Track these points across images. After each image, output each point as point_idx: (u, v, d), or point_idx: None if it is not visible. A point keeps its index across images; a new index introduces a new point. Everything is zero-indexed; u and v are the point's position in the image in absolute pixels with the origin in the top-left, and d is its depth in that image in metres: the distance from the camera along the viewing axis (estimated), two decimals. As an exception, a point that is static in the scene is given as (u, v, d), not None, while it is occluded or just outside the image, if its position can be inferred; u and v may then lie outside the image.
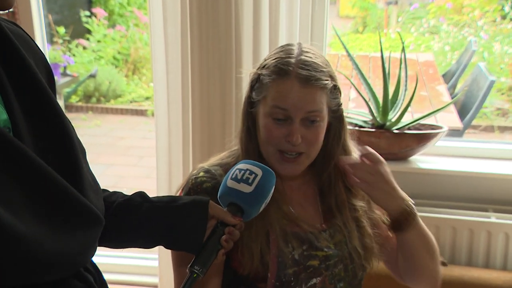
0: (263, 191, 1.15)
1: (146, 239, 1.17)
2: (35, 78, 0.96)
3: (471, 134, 5.40)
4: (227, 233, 1.12)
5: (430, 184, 2.41)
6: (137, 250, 1.49)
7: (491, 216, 2.27)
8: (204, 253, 1.10)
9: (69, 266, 0.95)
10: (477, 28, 6.84)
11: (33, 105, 0.95)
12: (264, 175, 1.15)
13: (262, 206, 1.16)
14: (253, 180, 1.14)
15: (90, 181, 1.01)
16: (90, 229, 0.97)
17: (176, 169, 2.47)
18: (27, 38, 1.03)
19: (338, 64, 4.47)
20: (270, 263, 1.29)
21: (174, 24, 2.30)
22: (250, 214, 1.15)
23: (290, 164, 1.31)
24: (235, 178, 1.14)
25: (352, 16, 8.80)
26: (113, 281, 2.94)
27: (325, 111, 1.30)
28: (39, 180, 0.89)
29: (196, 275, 1.07)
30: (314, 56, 1.31)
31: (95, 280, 1.04)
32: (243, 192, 1.13)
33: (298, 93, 1.26)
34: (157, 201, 1.16)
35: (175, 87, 2.37)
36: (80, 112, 6.72)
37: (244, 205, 1.14)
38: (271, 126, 1.29)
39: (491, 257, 2.25)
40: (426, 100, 3.64)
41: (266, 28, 2.25)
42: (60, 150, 0.96)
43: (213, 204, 1.15)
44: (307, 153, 1.31)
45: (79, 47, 7.07)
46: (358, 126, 2.41)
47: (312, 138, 1.29)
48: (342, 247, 1.36)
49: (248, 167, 1.16)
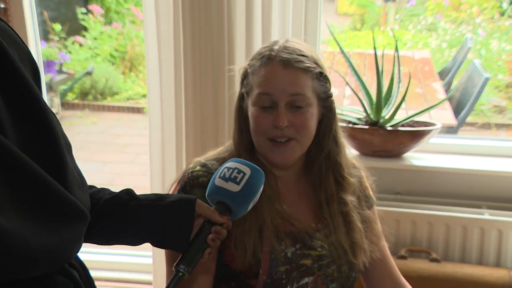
0: (251, 190, 1.14)
1: (133, 237, 1.16)
2: (19, 74, 0.95)
3: (468, 132, 5.40)
4: (214, 232, 1.12)
5: (424, 181, 2.41)
6: (131, 247, 1.49)
7: (484, 213, 2.27)
8: (190, 252, 1.10)
9: (53, 262, 0.94)
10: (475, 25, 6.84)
11: (16, 100, 0.94)
12: (252, 174, 1.14)
13: (250, 205, 1.16)
14: (241, 179, 1.13)
15: (75, 176, 1.00)
16: (74, 224, 0.96)
17: (170, 166, 2.47)
18: (12, 32, 1.02)
19: (334, 62, 4.47)
20: (263, 259, 1.29)
21: (167, 21, 2.30)
22: (237, 213, 1.15)
23: (281, 150, 1.30)
24: (223, 177, 1.14)
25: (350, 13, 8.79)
26: (108, 278, 2.95)
27: (312, 96, 1.29)
28: (22, 176, 0.88)
29: (181, 274, 1.07)
30: (299, 44, 1.33)
31: (80, 276, 1.04)
32: (231, 191, 1.12)
33: (280, 75, 1.27)
34: (144, 199, 1.16)
35: (168, 84, 2.37)
36: (76, 109, 6.72)
37: (231, 204, 1.13)
38: (258, 114, 1.30)
39: (484, 254, 2.25)
40: (421, 98, 3.64)
41: (259, 25, 2.24)
42: (44, 145, 0.95)
43: (200, 202, 1.15)
44: (297, 139, 1.30)
45: (75, 44, 7.05)
46: (352, 123, 2.41)
47: (299, 123, 1.28)
48: (336, 248, 1.36)
49: (237, 166, 1.15)
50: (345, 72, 3.46)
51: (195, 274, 1.27)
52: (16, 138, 0.91)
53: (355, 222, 1.39)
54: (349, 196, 1.40)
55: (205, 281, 1.33)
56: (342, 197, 1.39)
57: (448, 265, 2.21)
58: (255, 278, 1.30)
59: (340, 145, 1.39)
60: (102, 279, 2.92)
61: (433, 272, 2.17)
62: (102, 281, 2.91)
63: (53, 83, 6.10)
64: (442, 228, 2.27)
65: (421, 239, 2.29)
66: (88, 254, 3.03)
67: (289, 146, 1.30)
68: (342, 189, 1.39)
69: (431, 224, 2.27)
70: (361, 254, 1.38)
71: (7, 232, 0.83)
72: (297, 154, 1.33)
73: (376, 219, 1.49)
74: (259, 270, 1.29)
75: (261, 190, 1.17)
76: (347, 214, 1.38)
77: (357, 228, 1.38)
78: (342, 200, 1.38)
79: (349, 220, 1.38)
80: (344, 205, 1.38)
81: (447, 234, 2.27)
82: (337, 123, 1.38)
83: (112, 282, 2.94)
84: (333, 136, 1.37)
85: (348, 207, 1.38)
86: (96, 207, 1.12)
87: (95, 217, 1.05)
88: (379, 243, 1.46)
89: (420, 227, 2.28)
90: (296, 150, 1.32)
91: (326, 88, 1.33)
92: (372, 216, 1.46)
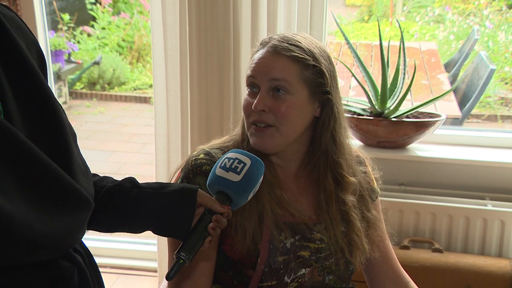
0: (251, 180, 1.15)
1: (134, 225, 1.18)
2: (26, 62, 0.97)
3: (474, 124, 5.38)
4: (215, 221, 1.13)
5: (428, 172, 2.42)
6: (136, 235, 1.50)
7: (487, 204, 2.29)
8: (191, 240, 1.11)
9: (57, 247, 0.96)
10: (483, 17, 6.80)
11: (24, 89, 0.96)
12: (253, 164, 1.16)
13: (250, 195, 1.17)
14: (241, 169, 1.15)
15: (80, 165, 1.02)
16: (79, 212, 0.98)
17: (175, 155, 2.49)
18: (19, 22, 1.04)
19: (341, 53, 4.47)
20: (261, 249, 1.30)
21: (173, 12, 2.31)
22: (238, 203, 1.17)
23: (259, 135, 1.31)
24: (223, 167, 1.15)
25: (358, 5, 8.75)
26: (113, 265, 2.98)
27: (296, 85, 1.29)
28: (29, 163, 0.90)
29: (182, 261, 1.09)
30: (301, 37, 1.33)
31: (84, 262, 1.06)
32: (231, 181, 1.14)
33: (265, 60, 1.29)
34: (146, 187, 1.17)
35: (174, 74, 2.39)
36: (84, 99, 6.74)
37: (232, 194, 1.15)
38: (246, 97, 1.33)
39: (487, 244, 2.27)
40: (427, 89, 3.64)
41: (264, 15, 2.25)
42: (50, 133, 0.97)
43: (201, 192, 1.16)
44: (276, 127, 1.29)
45: (84, 34, 7.07)
46: (357, 114, 2.42)
47: (278, 109, 1.28)
48: (335, 241, 1.36)
49: (237, 156, 1.17)
50: (351, 63, 3.47)
51: (196, 261, 1.30)
52: (23, 126, 0.93)
53: (354, 222, 1.38)
54: (349, 196, 1.38)
55: (206, 269, 1.34)
56: (341, 196, 1.38)
57: (450, 255, 2.23)
58: (252, 269, 1.31)
59: (339, 144, 1.37)
60: (107, 266, 2.96)
61: (436, 262, 2.19)
62: (107, 268, 2.95)
63: (61, 73, 6.12)
64: (445, 219, 2.28)
65: (424, 230, 2.31)
66: (93, 241, 3.06)
67: (267, 132, 1.30)
68: (341, 189, 1.38)
69: (434, 214, 2.29)
70: (358, 254, 1.38)
71: (12, 218, 0.85)
72: (277, 141, 1.31)
73: (379, 212, 1.49)
74: (257, 260, 1.31)
75: (261, 180, 1.18)
76: (346, 213, 1.38)
77: (356, 227, 1.38)
78: (341, 199, 1.38)
79: (348, 219, 1.38)
80: (343, 205, 1.38)
81: (450, 224, 2.29)
82: (338, 122, 1.36)
83: (117, 269, 2.97)
84: (331, 135, 1.35)
85: (347, 206, 1.38)
86: (99, 195, 1.14)
87: (98, 205, 1.07)
88: (380, 243, 1.46)
89: (424, 217, 2.30)
90: (275, 138, 1.31)
91: (320, 83, 1.32)
92: (377, 216, 1.46)
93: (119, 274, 2.94)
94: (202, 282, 1.34)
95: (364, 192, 1.43)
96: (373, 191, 1.48)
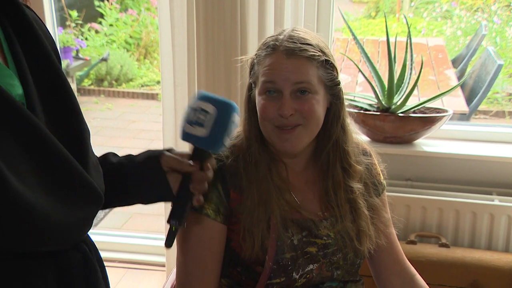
0: (220, 129, 1.07)
1: (121, 199, 1.18)
2: (49, 58, 1.00)
3: (482, 120, 5.37)
4: (194, 180, 1.08)
5: (434, 167, 2.43)
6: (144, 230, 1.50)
7: (494, 199, 2.29)
8: (176, 206, 1.08)
9: (69, 239, 0.98)
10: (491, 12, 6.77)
11: (45, 83, 0.99)
12: (218, 112, 1.07)
13: (227, 141, 1.09)
14: (206, 121, 1.06)
15: (93, 161, 1.05)
16: (90, 205, 1.00)
17: (183, 151, 2.50)
18: (39, 21, 1.08)
19: (348, 49, 4.47)
20: (269, 246, 1.31)
21: (180, 8, 2.32)
22: (216, 151, 1.11)
23: (287, 136, 1.31)
24: (189, 121, 1.07)
25: (365, 1, 8.73)
26: (121, 260, 3.00)
27: (317, 84, 1.30)
28: (49, 155, 0.93)
29: (174, 228, 1.07)
30: (304, 32, 1.34)
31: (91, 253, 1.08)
32: (198, 137, 1.06)
33: (284, 65, 1.29)
34: (117, 162, 1.17)
35: (181, 70, 2.40)
36: (92, 95, 6.77)
37: (205, 148, 1.08)
38: (264, 102, 1.32)
39: (494, 239, 2.27)
40: (435, 85, 3.64)
41: (272, 11, 2.26)
42: (69, 128, 1.00)
43: (166, 155, 1.11)
44: (303, 125, 1.30)
45: (92, 31, 7.09)
46: (364, 110, 2.42)
47: (304, 109, 1.29)
48: (342, 236, 1.37)
49: (200, 105, 1.07)
50: (358, 59, 3.47)
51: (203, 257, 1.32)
52: (44, 119, 0.96)
53: (362, 209, 1.39)
54: (356, 184, 1.40)
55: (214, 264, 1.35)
56: (349, 184, 1.39)
57: (457, 250, 2.23)
58: (261, 266, 1.32)
59: (348, 132, 1.39)
60: (116, 261, 2.97)
61: (443, 257, 2.19)
62: (116, 262, 2.96)
63: (69, 69, 6.15)
64: (452, 214, 2.29)
65: (431, 225, 2.32)
66: (102, 236, 3.09)
67: (296, 132, 1.31)
68: (349, 177, 1.39)
69: (441, 209, 2.29)
70: (366, 241, 1.39)
71: (34, 207, 0.87)
72: (304, 140, 1.33)
73: (385, 205, 1.50)
74: (265, 256, 1.31)
75: (234, 122, 1.10)
76: (354, 201, 1.39)
77: (363, 215, 1.39)
78: (349, 187, 1.39)
79: (355, 207, 1.39)
80: (351, 193, 1.39)
81: (457, 219, 2.29)
82: (345, 110, 1.39)
83: (125, 263, 2.99)
84: (341, 123, 1.37)
85: (355, 194, 1.39)
86: None
87: None
88: (385, 230, 1.46)
89: (430, 212, 2.30)
90: (304, 136, 1.32)
91: (332, 75, 1.33)
92: (380, 203, 1.46)
93: (127, 268, 2.96)
94: (209, 279, 1.35)
95: (367, 180, 1.45)
96: (380, 184, 1.49)
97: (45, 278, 0.97)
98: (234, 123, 1.09)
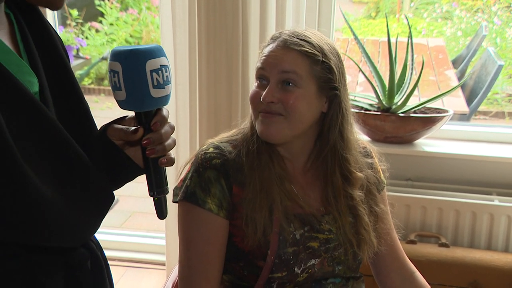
0: (134, 84, 0.95)
1: None
2: (61, 57, 1.03)
3: (481, 120, 5.38)
4: (146, 145, 1.00)
5: (435, 167, 2.43)
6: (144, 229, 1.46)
7: (494, 199, 2.29)
8: (149, 175, 1.03)
9: (81, 237, 1.00)
10: (491, 13, 6.78)
11: (58, 84, 1.00)
12: (122, 66, 0.94)
13: (152, 91, 0.96)
14: (120, 81, 0.95)
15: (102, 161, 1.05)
16: (102, 204, 1.01)
17: (183, 150, 2.51)
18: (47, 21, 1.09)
19: (348, 49, 4.47)
20: (271, 240, 1.32)
21: (182, 7, 2.33)
22: (147, 107, 0.99)
23: (267, 122, 1.31)
24: (112, 86, 0.97)
25: (366, 1, 8.73)
26: (122, 259, 3.01)
27: (305, 79, 1.30)
28: (65, 152, 0.94)
29: (156, 198, 1.03)
30: (311, 33, 1.36)
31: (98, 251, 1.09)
32: (122, 101, 0.97)
33: (276, 53, 1.32)
34: None
35: (183, 69, 2.40)
36: (92, 94, 6.77)
37: (134, 109, 0.99)
38: (254, 89, 1.35)
39: (493, 239, 2.28)
40: (435, 85, 3.65)
41: (273, 11, 2.27)
42: (80, 127, 1.02)
43: (112, 128, 1.05)
44: (285, 116, 1.30)
45: (92, 30, 7.09)
46: (364, 109, 2.43)
47: (287, 100, 1.29)
48: (344, 232, 1.38)
49: (110, 66, 0.96)
50: (358, 59, 3.47)
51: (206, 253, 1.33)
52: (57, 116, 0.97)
53: (362, 216, 1.39)
54: (356, 191, 1.40)
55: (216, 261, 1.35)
56: (349, 191, 1.39)
57: (457, 250, 2.24)
58: (263, 260, 1.33)
59: (347, 140, 1.38)
60: (116, 259, 2.98)
61: (442, 256, 2.20)
62: (116, 261, 2.97)
63: (70, 68, 6.17)
64: (452, 214, 2.29)
65: (431, 225, 2.32)
66: (103, 235, 3.09)
67: (275, 119, 1.31)
68: (349, 184, 1.39)
69: (441, 209, 2.30)
70: (366, 248, 1.40)
71: (51, 204, 0.89)
72: (285, 131, 1.32)
73: (386, 203, 1.51)
74: (267, 251, 1.32)
75: (155, 66, 0.97)
76: (354, 208, 1.39)
77: (364, 222, 1.39)
78: (349, 194, 1.39)
79: (356, 214, 1.39)
80: (351, 200, 1.39)
81: (456, 219, 2.30)
82: (345, 119, 1.37)
83: (126, 262, 3.00)
84: (339, 130, 1.37)
85: (355, 201, 1.39)
86: None
87: None
88: (387, 236, 1.47)
89: (430, 212, 2.31)
90: (284, 128, 1.32)
91: (329, 78, 1.33)
92: (384, 209, 1.47)
93: (127, 267, 2.97)
94: (212, 274, 1.35)
95: (371, 187, 1.44)
96: (380, 182, 1.49)
97: (53, 275, 0.98)
98: (153, 69, 0.96)
